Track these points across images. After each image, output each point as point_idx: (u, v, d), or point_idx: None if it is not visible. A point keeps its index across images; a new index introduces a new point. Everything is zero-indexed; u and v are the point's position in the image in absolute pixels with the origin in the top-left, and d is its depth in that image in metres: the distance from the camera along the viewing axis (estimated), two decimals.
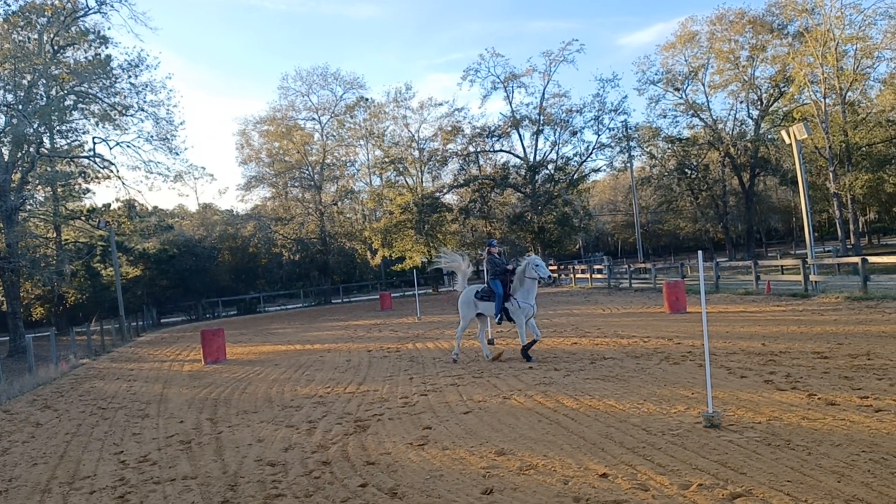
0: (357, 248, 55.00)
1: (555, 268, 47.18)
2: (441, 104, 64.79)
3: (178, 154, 41.08)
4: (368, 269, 60.45)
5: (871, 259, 22.63)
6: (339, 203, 55.71)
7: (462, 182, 50.46)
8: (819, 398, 8.14)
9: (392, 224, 50.29)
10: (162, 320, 46.17)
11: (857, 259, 22.06)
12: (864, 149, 39.83)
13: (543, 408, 8.95)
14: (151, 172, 39.40)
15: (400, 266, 54.11)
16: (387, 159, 51.87)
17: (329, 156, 54.26)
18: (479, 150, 50.61)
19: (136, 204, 43.22)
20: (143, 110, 38.06)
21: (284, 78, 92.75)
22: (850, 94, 40.95)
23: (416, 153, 51.62)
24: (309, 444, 8.14)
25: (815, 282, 22.31)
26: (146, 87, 37.92)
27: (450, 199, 53.40)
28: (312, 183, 53.66)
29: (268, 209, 55.48)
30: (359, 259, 57.76)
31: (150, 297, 47.65)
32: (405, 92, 52.17)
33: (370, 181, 57.90)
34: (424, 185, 52.01)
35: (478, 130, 49.75)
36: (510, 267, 13.16)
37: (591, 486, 5.84)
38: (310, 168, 53.58)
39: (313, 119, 54.48)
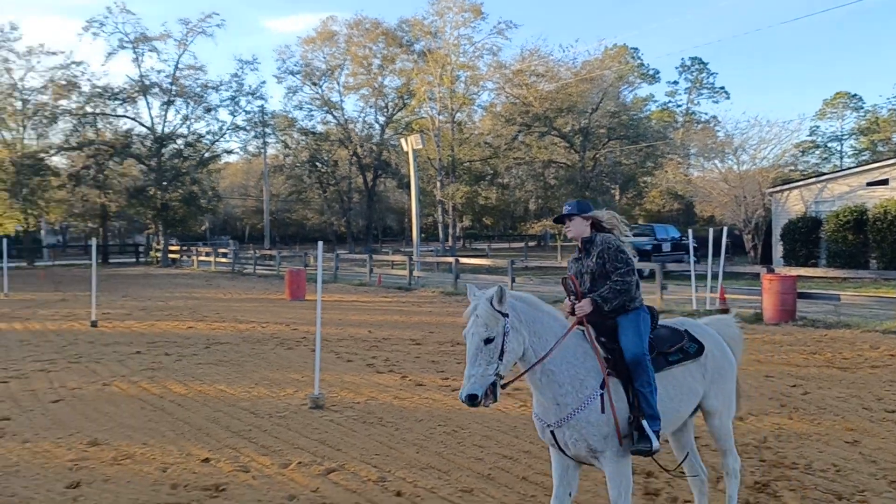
0: None
1: (176, 249, 44.84)
2: (55, 53, 56.38)
3: None
4: None
5: (463, 260, 26.29)
6: None
7: (75, 145, 44.82)
8: (410, 379, 9.21)
9: None
10: None
11: (451, 259, 25.39)
12: (465, 164, 45.92)
13: (148, 394, 8.51)
14: None
15: None
16: None
17: None
18: (98, 111, 45.42)
19: None
20: None
21: None
22: (459, 114, 46.84)
23: (19, 104, 44.31)
24: None
25: (418, 277, 25.05)
26: None
27: (58, 161, 46.96)
28: None
29: None
30: None
31: None
32: (10, 31, 44.43)
33: None
34: (26, 142, 44.93)
35: (98, 90, 44.57)
36: None
37: (192, 471, 5.77)
38: None
39: None
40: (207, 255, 39.55)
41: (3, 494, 5.26)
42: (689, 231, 19.30)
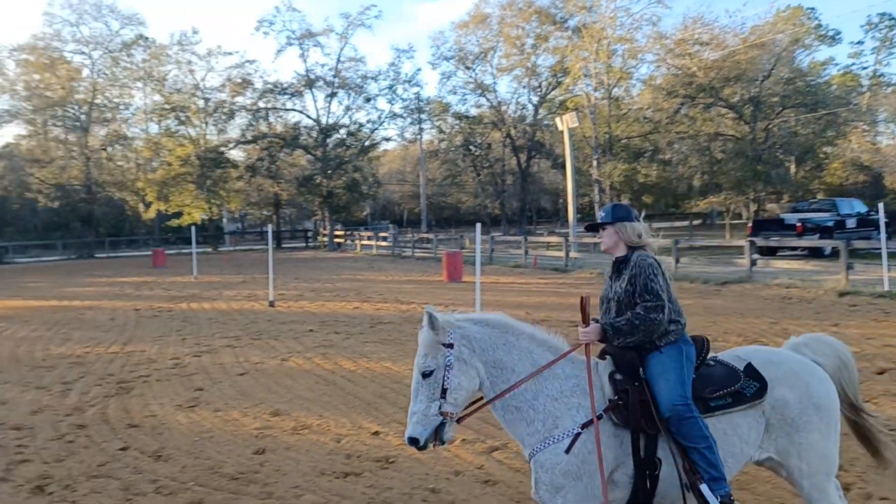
0: (128, 199, 50.63)
1: (341, 233, 47.21)
2: (231, 53, 61.25)
3: None
4: (140, 224, 56.05)
5: None
6: (110, 149, 50.79)
7: (250, 138, 48.41)
8: None
9: (170, 176, 47.00)
10: None
11: None
12: (623, 141, 44.44)
13: (321, 370, 9.03)
14: None
15: (177, 221, 50.73)
16: (167, 106, 48.18)
17: (100, 95, 49.15)
18: (270, 106, 48.76)
19: None
20: None
21: (51, 3, 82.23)
22: (616, 90, 45.31)
23: (201, 103, 48.54)
24: (62, 406, 7.50)
25: (575, 258, 24.67)
26: None
27: (236, 154, 50.99)
28: (78, 123, 48.32)
29: (22, 149, 49.16)
30: (130, 211, 53.22)
31: None
32: (191, 35, 48.77)
33: (147, 128, 53.43)
34: (208, 137, 49.15)
35: (269, 86, 47.85)
36: None
37: (364, 443, 6.06)
38: (76, 107, 48.17)
39: (83, 53, 48.94)
40: (369, 239, 41.27)
41: (199, 457, 5.80)
42: (880, 205, 17.48)
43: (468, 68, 53.38)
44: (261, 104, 48.25)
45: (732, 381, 3.37)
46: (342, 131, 48.72)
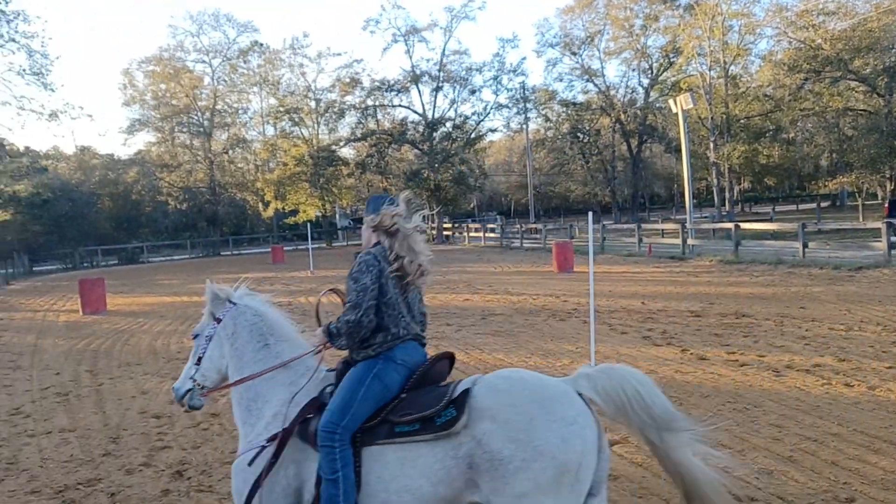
0: (248, 199, 53.35)
1: (449, 226, 47.62)
2: (339, 54, 63.24)
3: (53, 90, 38.16)
4: (260, 222, 58.88)
5: (744, 225, 24.28)
6: (231, 152, 53.65)
7: (359, 136, 49.70)
8: (691, 353, 8.73)
9: (286, 176, 49.03)
10: (34, 268, 43.26)
11: (730, 225, 23.61)
12: (742, 121, 42.21)
13: None
14: (24, 109, 36.45)
15: (293, 219, 52.98)
16: (282, 108, 50.26)
17: (220, 101, 52.00)
18: (377, 103, 49.86)
19: (6, 142, 39.91)
20: (14, 41, 34.94)
21: (174, 16, 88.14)
22: (732, 67, 43.08)
23: (313, 104, 50.30)
24: None
25: (692, 245, 23.74)
26: (18, 15, 34.79)
27: (346, 152, 52.56)
28: (202, 129, 51.31)
29: (153, 155, 52.73)
30: (250, 211, 56.10)
31: (21, 243, 44.44)
32: (302, 39, 50.66)
33: (263, 130, 56.02)
34: (320, 137, 50.89)
35: (377, 84, 48.93)
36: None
37: None
38: (199, 113, 51.16)
39: (203, 62, 51.96)
40: (476, 230, 41.41)
41: None
42: None
43: (574, 54, 52.46)
44: (369, 102, 49.42)
45: (431, 406, 2.86)
46: (448, 124, 49.10)
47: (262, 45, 51.92)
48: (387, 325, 3.11)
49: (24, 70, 35.85)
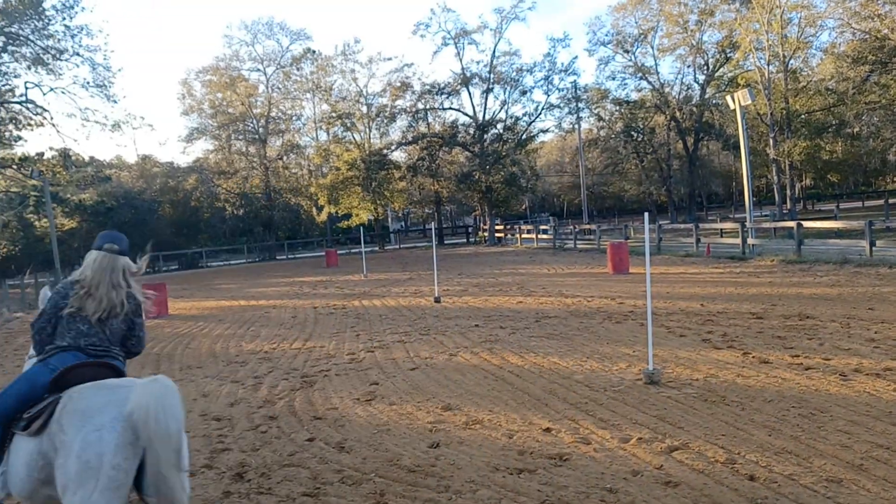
0: (303, 204, 54.24)
1: (501, 228, 47.51)
2: (390, 59, 63.68)
3: (116, 102, 39.50)
4: (314, 226, 59.77)
5: (806, 224, 23.46)
6: (285, 158, 54.62)
7: (410, 139, 50.01)
8: (753, 356, 8.47)
9: (339, 180, 49.67)
10: None
11: (792, 224, 22.90)
12: (803, 116, 40.97)
13: (489, 364, 9.08)
14: (88, 120, 37.91)
15: (346, 223, 53.66)
16: (334, 114, 50.95)
17: (274, 109, 52.97)
18: (428, 107, 50.07)
19: (72, 153, 41.53)
20: (78, 55, 36.40)
21: (229, 26, 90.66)
22: (792, 61, 41.86)
23: (364, 108, 50.84)
24: (255, 399, 8.10)
25: (753, 245, 23.09)
26: (81, 30, 36.21)
27: (398, 156, 52.96)
28: (257, 136, 52.39)
29: (210, 162, 54.06)
30: (304, 215, 57.04)
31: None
32: (353, 45, 51.23)
33: (316, 136, 56.91)
34: (372, 141, 51.39)
35: (427, 87, 49.16)
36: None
37: (535, 439, 5.99)
38: (254, 121, 52.25)
39: (258, 70, 52.99)
40: (529, 232, 41.18)
41: (378, 449, 6.02)
42: None
43: (627, 51, 51.74)
44: (419, 105, 49.67)
45: (41, 406, 3.57)
46: (499, 126, 48.99)
47: (314, 52, 52.74)
48: (50, 341, 4.08)
49: (87, 83, 37.31)
